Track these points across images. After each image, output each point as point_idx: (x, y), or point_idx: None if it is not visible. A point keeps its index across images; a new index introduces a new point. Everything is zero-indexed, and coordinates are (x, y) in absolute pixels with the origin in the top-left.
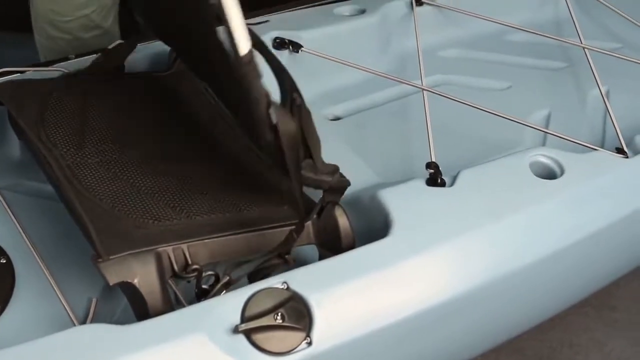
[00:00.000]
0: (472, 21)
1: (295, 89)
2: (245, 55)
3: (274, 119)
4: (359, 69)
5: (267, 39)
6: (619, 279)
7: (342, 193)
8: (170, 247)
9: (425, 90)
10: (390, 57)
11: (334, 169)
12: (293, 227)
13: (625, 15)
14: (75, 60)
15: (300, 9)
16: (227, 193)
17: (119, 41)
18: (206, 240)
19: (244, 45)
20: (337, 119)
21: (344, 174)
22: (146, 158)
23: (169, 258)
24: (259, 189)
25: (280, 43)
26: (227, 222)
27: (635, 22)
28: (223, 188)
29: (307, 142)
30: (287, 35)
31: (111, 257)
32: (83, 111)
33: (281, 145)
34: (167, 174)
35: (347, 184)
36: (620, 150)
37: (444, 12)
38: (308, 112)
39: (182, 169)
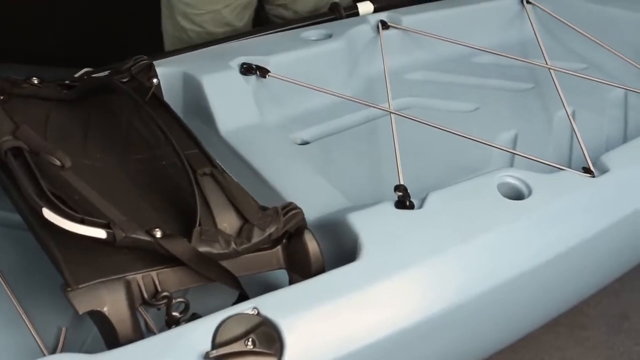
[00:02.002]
0: (438, 44)
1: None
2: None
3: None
4: (326, 93)
5: (234, 65)
6: (589, 297)
7: (300, 222)
8: (140, 275)
9: (393, 113)
10: (358, 81)
11: (274, 212)
12: (264, 252)
13: (590, 36)
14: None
15: (267, 34)
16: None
17: (85, 69)
18: (175, 268)
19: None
20: (305, 143)
21: (313, 198)
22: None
23: (139, 285)
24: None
25: (248, 68)
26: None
27: (600, 42)
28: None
29: (236, 206)
30: (254, 60)
31: (80, 285)
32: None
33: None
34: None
35: (300, 215)
36: (587, 170)
37: (410, 35)
38: (226, 179)
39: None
